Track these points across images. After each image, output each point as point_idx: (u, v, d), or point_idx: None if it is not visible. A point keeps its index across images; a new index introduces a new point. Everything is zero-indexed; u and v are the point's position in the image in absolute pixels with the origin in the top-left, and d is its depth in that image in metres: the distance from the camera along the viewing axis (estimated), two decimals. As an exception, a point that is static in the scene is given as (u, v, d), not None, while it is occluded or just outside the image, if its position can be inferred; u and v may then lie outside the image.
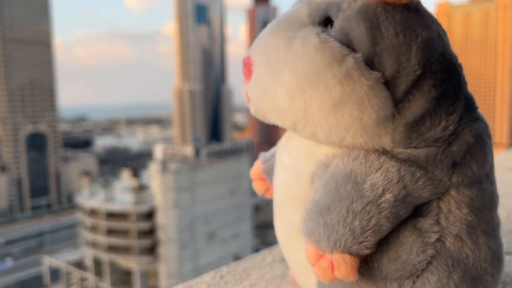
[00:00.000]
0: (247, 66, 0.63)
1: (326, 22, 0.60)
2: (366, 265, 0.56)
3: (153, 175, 40.39)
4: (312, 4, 0.63)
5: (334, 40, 0.57)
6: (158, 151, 56.05)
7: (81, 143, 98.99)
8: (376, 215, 0.53)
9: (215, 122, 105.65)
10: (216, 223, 41.17)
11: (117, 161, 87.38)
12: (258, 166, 0.86)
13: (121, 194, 41.03)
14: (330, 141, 0.58)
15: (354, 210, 0.53)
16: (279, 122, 0.62)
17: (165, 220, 38.40)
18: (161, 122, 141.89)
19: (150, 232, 39.07)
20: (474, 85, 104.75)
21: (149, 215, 39.11)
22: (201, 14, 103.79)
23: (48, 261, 45.46)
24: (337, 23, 0.58)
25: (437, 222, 0.57)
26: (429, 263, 0.56)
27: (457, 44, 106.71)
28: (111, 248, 39.50)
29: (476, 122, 0.60)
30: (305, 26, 0.61)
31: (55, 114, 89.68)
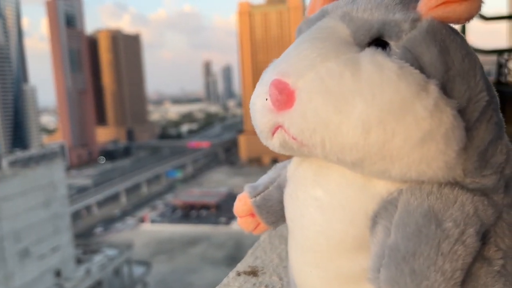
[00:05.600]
0: (285, 93, 0.54)
1: (378, 42, 0.55)
2: None
3: None
4: (356, 22, 0.57)
5: (409, 65, 0.51)
6: None
7: None
8: (464, 252, 0.49)
9: (18, 126, 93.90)
10: (29, 239, 37.17)
11: None
12: (245, 201, 0.78)
13: None
14: (404, 178, 0.53)
15: (443, 252, 0.49)
16: (333, 158, 0.55)
17: (-38, 244, 33.02)
18: None
19: None
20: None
21: None
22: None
23: None
24: (399, 44, 0.54)
25: (498, 248, 0.54)
26: None
27: (259, 42, 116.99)
28: None
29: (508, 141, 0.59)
30: (351, 47, 0.56)
31: None
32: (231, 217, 59.46)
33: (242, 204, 0.78)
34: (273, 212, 0.77)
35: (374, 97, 0.50)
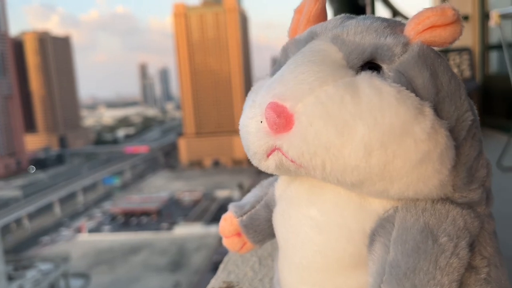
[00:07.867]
0: (283, 116, 0.54)
1: (370, 66, 0.57)
2: None
3: None
4: (348, 45, 0.59)
5: (405, 88, 0.53)
6: None
7: None
8: (458, 265, 0.52)
9: None
10: (-48, 259, 34.28)
11: None
12: (231, 220, 0.78)
13: None
14: (401, 196, 0.55)
15: (440, 266, 0.51)
16: (332, 180, 0.55)
17: None
18: None
19: None
20: (214, 80, 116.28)
21: None
22: None
23: None
24: (391, 67, 0.56)
25: (483, 256, 0.57)
26: None
27: (196, 44, 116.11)
28: None
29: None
30: (346, 70, 0.57)
31: None
32: (173, 223, 58.47)
33: (228, 224, 0.77)
34: (261, 231, 0.77)
35: (376, 121, 0.51)
